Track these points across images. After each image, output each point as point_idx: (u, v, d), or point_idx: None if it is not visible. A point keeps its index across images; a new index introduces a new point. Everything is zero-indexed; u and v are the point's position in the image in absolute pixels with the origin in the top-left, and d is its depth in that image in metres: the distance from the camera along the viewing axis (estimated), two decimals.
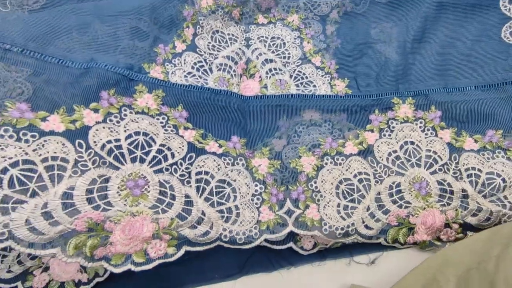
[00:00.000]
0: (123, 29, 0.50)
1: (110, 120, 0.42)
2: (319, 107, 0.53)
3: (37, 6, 0.63)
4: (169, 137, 0.44)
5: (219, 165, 0.45)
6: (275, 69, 0.55)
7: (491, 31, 0.56)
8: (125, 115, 0.43)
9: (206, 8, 0.54)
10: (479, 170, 0.49)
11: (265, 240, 0.44)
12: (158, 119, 0.45)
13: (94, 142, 0.40)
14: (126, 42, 0.50)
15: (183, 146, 0.44)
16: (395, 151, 0.50)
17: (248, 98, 0.52)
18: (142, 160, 0.41)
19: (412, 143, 0.51)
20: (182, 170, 0.43)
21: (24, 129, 0.37)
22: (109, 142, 0.40)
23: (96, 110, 0.42)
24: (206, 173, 0.44)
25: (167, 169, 0.42)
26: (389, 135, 0.51)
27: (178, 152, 0.44)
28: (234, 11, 0.56)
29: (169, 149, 0.43)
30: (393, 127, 0.52)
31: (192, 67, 0.51)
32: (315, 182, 0.47)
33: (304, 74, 0.55)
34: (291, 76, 0.55)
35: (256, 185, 0.45)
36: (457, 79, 0.55)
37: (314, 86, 0.54)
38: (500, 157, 0.50)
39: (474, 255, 0.40)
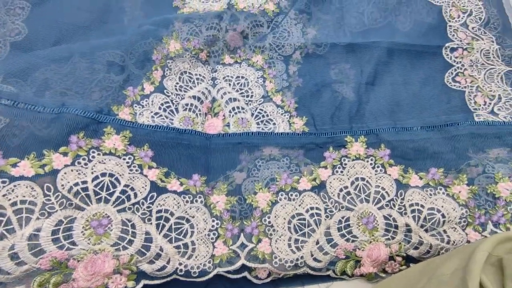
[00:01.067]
0: (100, 62, 0.56)
1: (78, 163, 0.46)
2: (278, 144, 0.57)
3: (19, 38, 0.67)
4: (133, 177, 0.48)
5: (178, 203, 0.49)
6: (238, 107, 0.59)
7: (436, 76, 0.61)
8: (93, 157, 0.47)
9: (174, 52, 0.58)
10: (422, 205, 0.53)
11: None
12: (124, 159, 0.49)
13: (62, 185, 0.44)
14: (102, 75, 0.54)
15: (146, 185, 0.48)
16: (346, 187, 0.55)
17: (211, 136, 0.56)
18: (106, 201, 0.45)
19: (363, 179, 0.55)
20: (144, 209, 0.47)
21: None
22: (76, 184, 0.44)
23: (65, 154, 0.46)
24: (166, 211, 0.48)
25: (129, 208, 0.46)
26: (341, 171, 0.56)
27: (140, 192, 0.48)
28: (201, 54, 0.61)
29: (132, 189, 0.47)
30: (345, 164, 0.56)
31: (159, 108, 0.55)
32: (268, 217, 0.51)
33: (265, 112, 0.59)
34: (252, 115, 0.59)
35: (213, 221, 0.49)
36: (405, 120, 0.60)
37: (274, 124, 0.58)
38: (441, 194, 0.54)
39: (408, 286, 0.45)
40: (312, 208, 0.53)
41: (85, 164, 0.46)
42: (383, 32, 0.67)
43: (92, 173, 0.46)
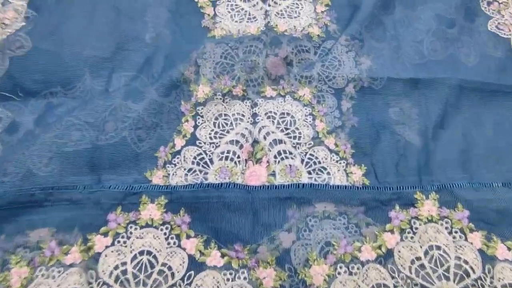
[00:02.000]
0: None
1: (118, 242, 0.42)
2: (334, 198, 0.46)
3: (20, 52, 0.58)
4: (171, 253, 0.41)
5: (218, 282, 0.38)
6: (284, 152, 0.49)
7: None
8: (131, 232, 0.42)
9: (203, 98, 0.51)
10: None
11: None
12: (162, 229, 0.42)
13: (103, 270, 0.39)
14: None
15: (183, 262, 0.40)
16: (418, 258, 0.44)
17: (254, 189, 0.45)
18: (144, 284, 0.39)
19: (439, 248, 0.45)
20: None
21: (53, 266, 0.40)
22: (116, 267, 0.40)
23: (105, 234, 0.42)
24: None
25: None
26: (412, 237, 0.45)
27: (178, 271, 0.39)
28: (235, 90, 0.52)
29: (169, 268, 0.40)
30: (416, 227, 0.46)
31: (192, 162, 0.46)
32: None
33: (316, 158, 0.49)
34: (302, 161, 0.49)
35: None
36: (482, 173, 0.50)
37: (328, 173, 0.48)
38: None
39: None
40: (379, 286, 0.42)
41: (124, 242, 0.42)
42: (447, 66, 0.58)
43: (131, 251, 0.40)
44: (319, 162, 0.49)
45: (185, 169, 0.47)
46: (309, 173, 0.48)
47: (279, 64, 0.55)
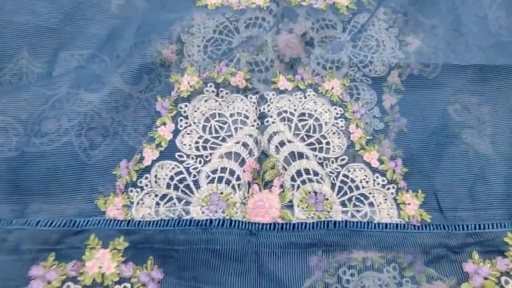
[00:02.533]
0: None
1: None
2: (379, 242, 0.31)
3: None
4: None
5: None
6: (306, 171, 0.33)
7: None
8: None
9: (187, 91, 0.36)
10: None
11: None
12: None
13: None
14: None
15: None
16: None
17: (260, 228, 0.30)
18: None
19: None
20: None
21: None
22: None
23: None
24: None
25: None
26: None
27: None
28: (234, 79, 0.36)
29: None
30: None
31: (168, 185, 0.31)
32: None
33: (352, 181, 0.33)
34: (333, 186, 0.33)
35: None
36: None
37: (371, 205, 0.33)
38: None
39: None
40: None
41: None
42: None
43: None
44: (357, 188, 0.33)
45: (156, 196, 0.32)
46: (343, 204, 0.32)
47: (296, 44, 0.40)
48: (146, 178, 0.33)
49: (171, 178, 0.33)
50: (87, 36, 0.42)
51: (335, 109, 0.37)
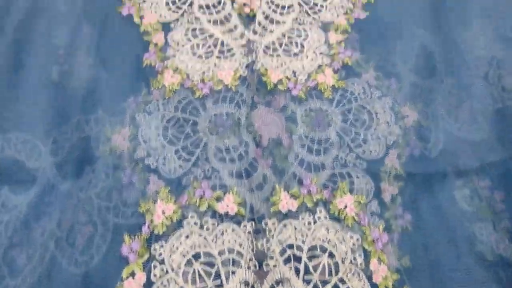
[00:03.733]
0: None
1: None
2: None
3: None
4: None
5: None
6: None
7: None
8: None
9: (163, 224, 0.28)
10: None
11: None
12: None
13: None
14: None
15: None
16: None
17: None
18: None
19: None
20: None
21: None
22: None
23: None
24: None
25: None
26: None
27: None
28: (221, 204, 0.29)
29: None
30: None
31: None
32: None
33: None
34: None
35: None
36: None
37: None
38: None
39: None
40: None
41: None
42: None
43: None
44: None
45: None
46: None
47: (274, 120, 0.33)
48: None
49: None
50: (15, 111, 0.33)
51: (351, 237, 0.29)
